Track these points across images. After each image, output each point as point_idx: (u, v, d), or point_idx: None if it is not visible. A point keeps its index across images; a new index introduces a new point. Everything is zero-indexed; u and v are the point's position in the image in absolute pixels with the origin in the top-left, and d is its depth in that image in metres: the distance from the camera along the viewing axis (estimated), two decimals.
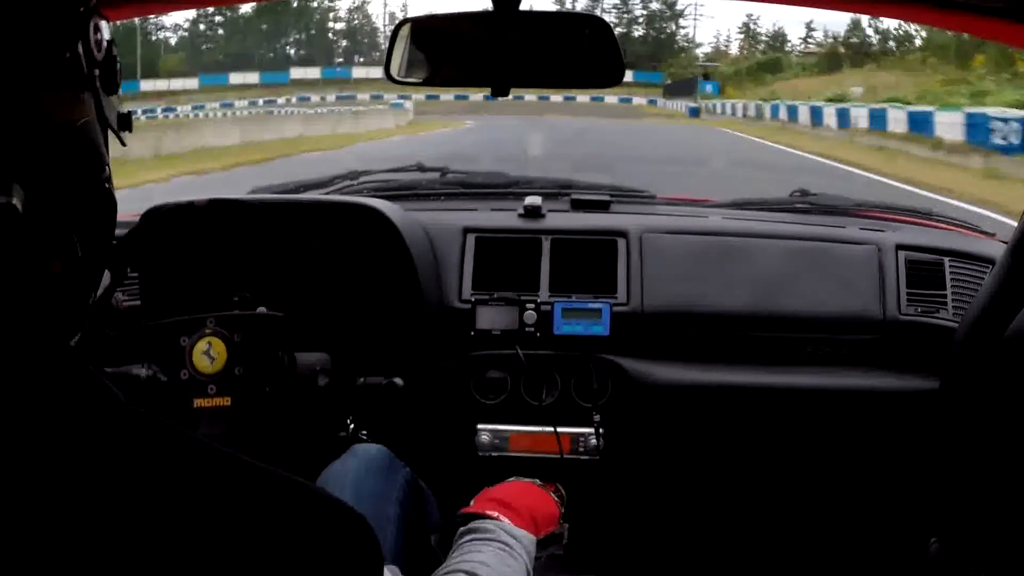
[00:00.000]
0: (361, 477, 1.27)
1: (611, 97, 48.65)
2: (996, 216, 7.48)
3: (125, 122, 0.63)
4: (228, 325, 1.31)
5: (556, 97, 41.36)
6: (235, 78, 57.34)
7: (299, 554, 0.50)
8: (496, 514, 1.10)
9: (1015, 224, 1.38)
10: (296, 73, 60.98)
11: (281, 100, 43.18)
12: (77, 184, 0.55)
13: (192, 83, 55.45)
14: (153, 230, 1.53)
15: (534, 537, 1.11)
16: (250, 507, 0.50)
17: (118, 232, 1.75)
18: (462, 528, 1.07)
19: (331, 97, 47.34)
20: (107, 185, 0.59)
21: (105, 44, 0.59)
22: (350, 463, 1.29)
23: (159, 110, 36.24)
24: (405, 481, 1.37)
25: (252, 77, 57.59)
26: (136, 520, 0.46)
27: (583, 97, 45.10)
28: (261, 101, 42.86)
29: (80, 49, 0.56)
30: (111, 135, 0.62)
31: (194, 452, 0.51)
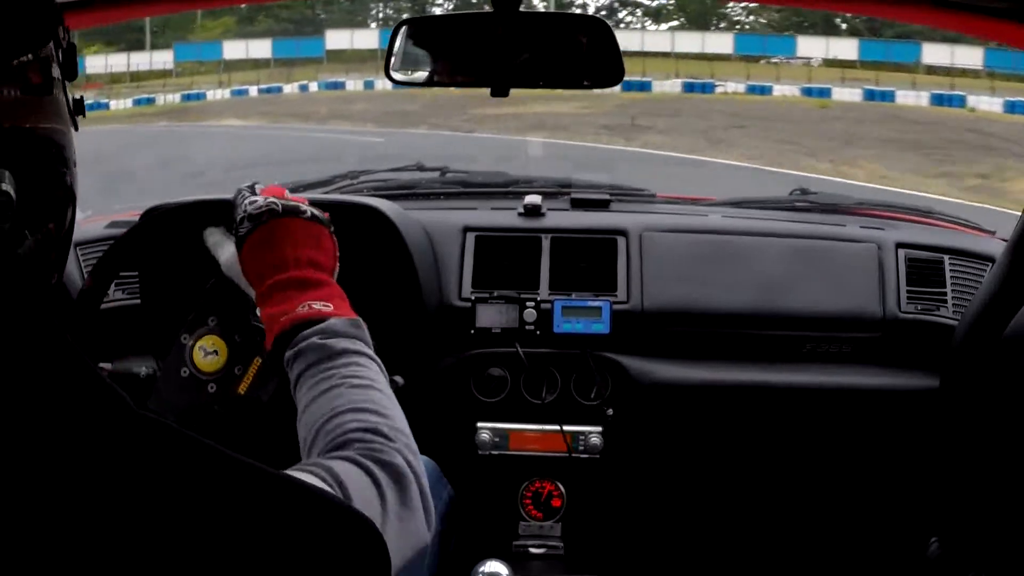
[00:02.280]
0: None
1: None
2: None
3: (79, 107, 0.64)
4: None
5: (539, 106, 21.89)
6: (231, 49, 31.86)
7: (306, 557, 0.50)
8: (306, 308, 0.90)
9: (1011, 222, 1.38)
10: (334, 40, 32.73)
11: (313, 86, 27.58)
12: (45, 168, 0.57)
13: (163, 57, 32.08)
14: (153, 229, 1.53)
15: (360, 321, 0.93)
16: (257, 510, 0.50)
17: (118, 232, 1.76)
18: (289, 353, 0.89)
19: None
20: (67, 169, 0.61)
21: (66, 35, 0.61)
22: None
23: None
24: (449, 498, 1.38)
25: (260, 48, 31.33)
26: (144, 522, 0.46)
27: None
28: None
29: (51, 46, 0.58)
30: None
31: (200, 455, 0.51)
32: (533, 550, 1.79)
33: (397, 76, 1.16)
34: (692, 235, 1.74)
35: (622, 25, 35.08)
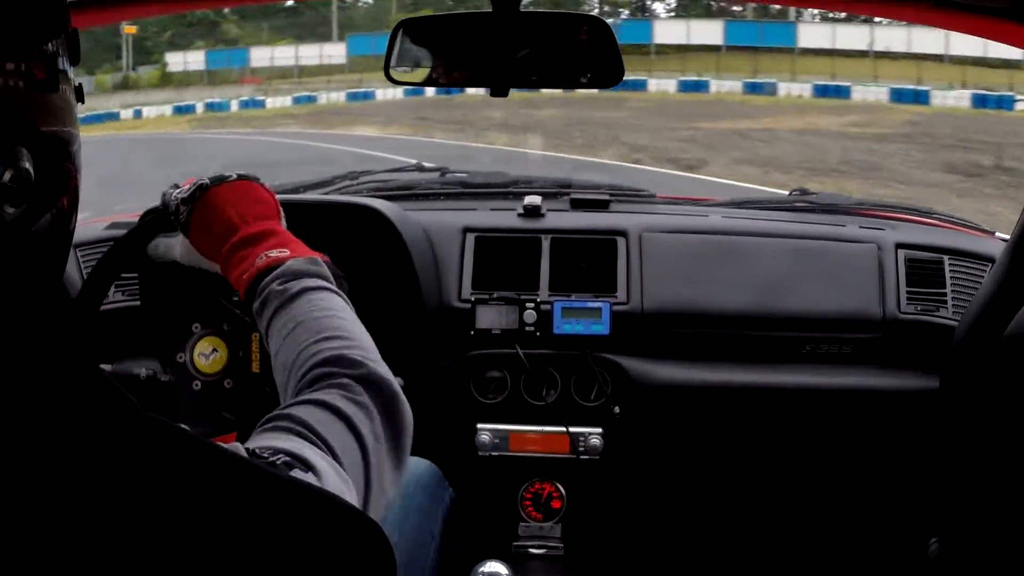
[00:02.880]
0: (410, 492, 1.29)
1: None
2: None
3: (79, 94, 0.64)
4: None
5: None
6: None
7: (311, 559, 0.50)
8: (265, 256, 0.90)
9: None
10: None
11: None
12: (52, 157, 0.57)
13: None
14: (153, 231, 1.53)
15: (317, 258, 0.92)
16: (262, 512, 0.50)
17: (118, 233, 1.75)
18: (255, 305, 0.88)
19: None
20: (71, 162, 0.61)
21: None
22: None
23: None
24: (451, 500, 1.38)
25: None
26: (149, 525, 0.46)
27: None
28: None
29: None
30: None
31: (205, 457, 0.51)
32: (533, 551, 1.79)
33: (397, 76, 1.16)
34: (692, 235, 1.74)
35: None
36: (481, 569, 1.48)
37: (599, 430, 1.67)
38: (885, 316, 1.65)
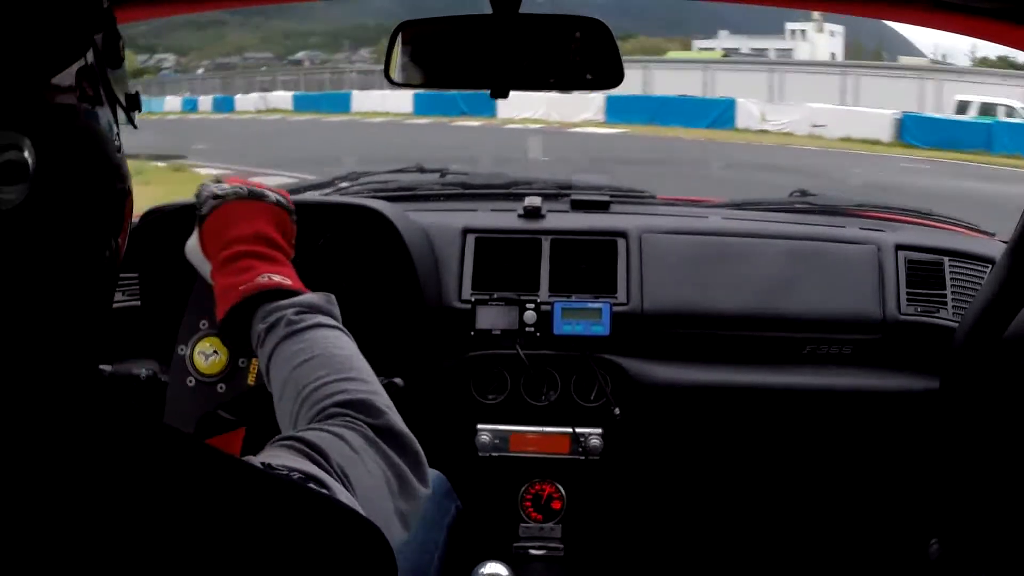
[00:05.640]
0: None
1: None
2: None
3: (134, 102, 0.60)
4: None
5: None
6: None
7: (312, 561, 0.50)
8: (266, 279, 0.89)
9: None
10: None
11: None
12: (83, 171, 0.53)
13: None
14: (153, 230, 1.53)
15: (333, 297, 0.92)
16: (262, 514, 0.50)
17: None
18: (261, 326, 0.87)
19: None
20: (119, 183, 0.56)
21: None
22: None
23: None
24: (456, 510, 1.38)
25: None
26: (147, 527, 0.46)
27: None
28: None
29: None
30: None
31: (206, 461, 0.51)
32: (533, 552, 1.80)
33: (396, 78, 1.16)
34: (692, 237, 1.74)
35: None
36: (481, 570, 1.48)
37: (599, 431, 1.67)
38: (885, 317, 1.65)
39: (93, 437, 0.48)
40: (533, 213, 1.78)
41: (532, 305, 1.64)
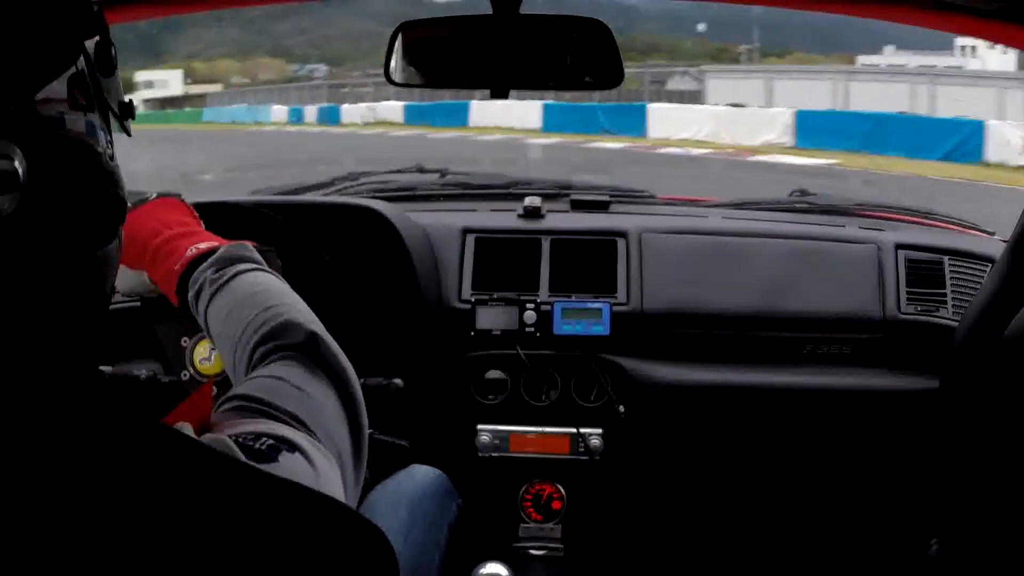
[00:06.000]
0: (417, 500, 1.29)
1: None
2: None
3: (127, 110, 0.60)
4: None
5: None
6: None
7: (312, 564, 0.50)
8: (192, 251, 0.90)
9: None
10: None
11: None
12: (74, 179, 0.52)
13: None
14: None
15: (247, 243, 0.93)
16: (262, 516, 0.50)
17: None
18: (190, 295, 0.89)
19: None
20: (113, 189, 0.56)
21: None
22: (407, 484, 1.31)
23: None
24: (458, 509, 1.38)
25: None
26: (146, 529, 0.46)
27: None
28: None
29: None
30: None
31: (205, 461, 0.51)
32: (533, 552, 1.80)
33: (397, 78, 1.16)
34: (692, 236, 1.74)
35: None
36: (481, 570, 1.48)
37: (599, 431, 1.67)
38: (885, 316, 1.65)
39: (91, 438, 0.48)
40: (533, 213, 1.78)
41: (532, 305, 1.64)
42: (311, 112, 25.52)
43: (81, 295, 0.55)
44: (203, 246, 0.91)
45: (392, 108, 22.04)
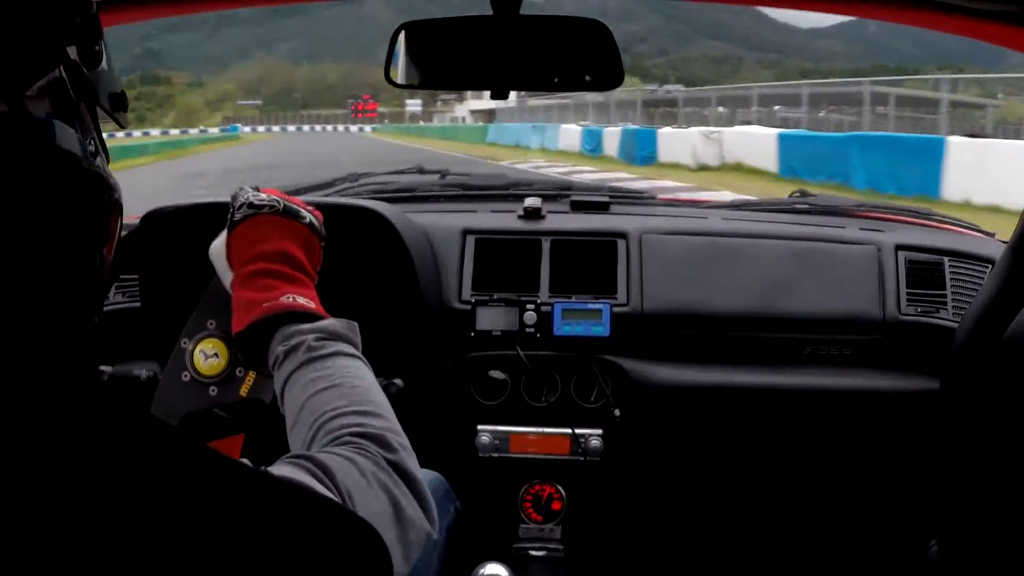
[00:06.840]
0: None
1: None
2: None
3: (119, 102, 0.58)
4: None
5: None
6: None
7: (306, 561, 0.50)
8: (288, 299, 0.88)
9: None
10: None
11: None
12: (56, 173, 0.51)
13: None
14: (153, 232, 1.53)
15: (355, 325, 0.90)
16: (258, 515, 0.50)
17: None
18: (280, 348, 0.86)
19: None
20: (103, 191, 0.56)
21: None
22: None
23: None
24: (456, 512, 1.38)
25: None
26: (145, 529, 0.46)
27: None
28: None
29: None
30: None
31: (204, 462, 0.51)
32: (533, 552, 1.80)
33: (397, 79, 1.16)
34: (692, 237, 1.74)
35: None
36: (481, 571, 1.49)
37: (599, 432, 1.67)
38: (885, 318, 1.65)
39: (89, 439, 0.48)
40: (533, 214, 1.78)
41: (532, 306, 1.64)
42: (612, 140, 18.18)
43: (71, 299, 0.54)
44: (300, 301, 0.89)
45: (755, 144, 13.91)
